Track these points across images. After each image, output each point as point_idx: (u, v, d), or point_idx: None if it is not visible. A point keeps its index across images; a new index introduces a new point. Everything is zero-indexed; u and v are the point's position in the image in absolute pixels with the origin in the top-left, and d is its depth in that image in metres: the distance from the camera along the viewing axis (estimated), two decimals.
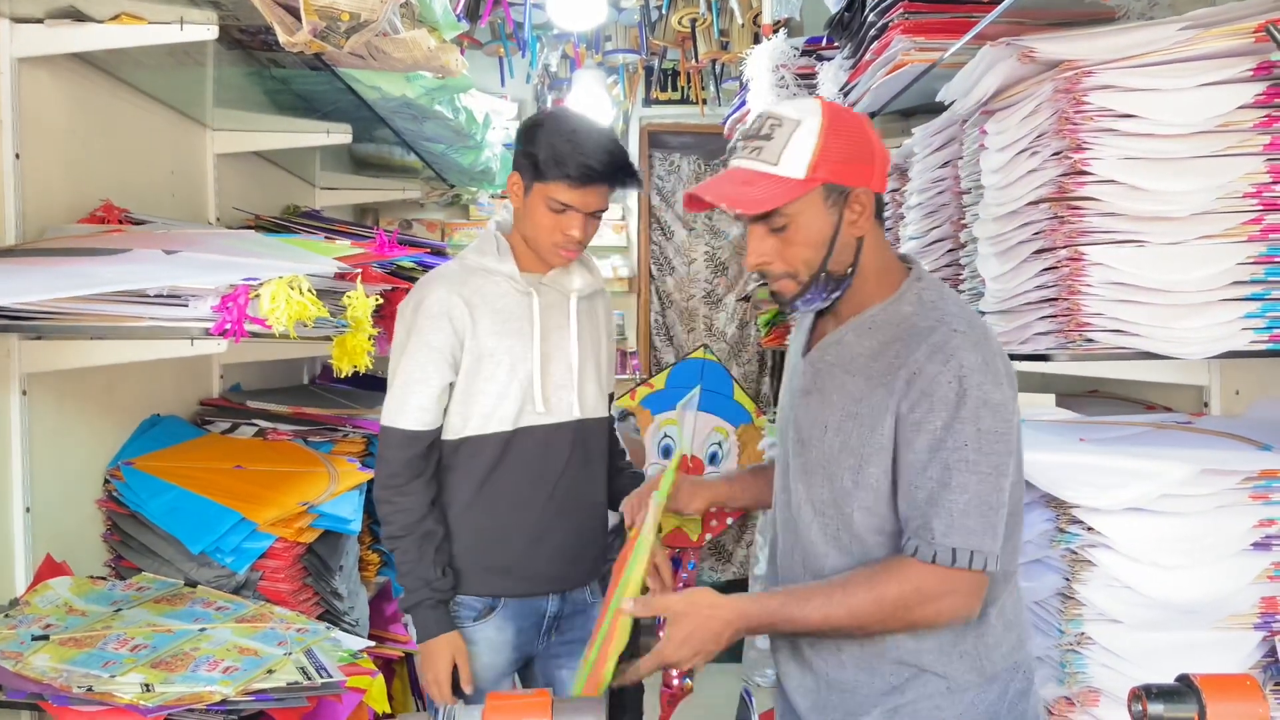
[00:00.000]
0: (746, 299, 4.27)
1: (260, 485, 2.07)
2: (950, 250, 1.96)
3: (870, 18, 2.07)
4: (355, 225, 3.00)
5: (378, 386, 2.06)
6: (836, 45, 2.43)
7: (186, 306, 1.56)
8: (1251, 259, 1.45)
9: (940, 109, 1.89)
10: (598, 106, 4.26)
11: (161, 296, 1.56)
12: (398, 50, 1.84)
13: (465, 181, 3.87)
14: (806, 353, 1.51)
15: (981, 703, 1.38)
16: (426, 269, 2.31)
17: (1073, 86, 1.46)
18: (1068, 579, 1.52)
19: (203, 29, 1.72)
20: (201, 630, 1.70)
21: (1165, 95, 1.44)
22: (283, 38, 1.57)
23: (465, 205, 4.67)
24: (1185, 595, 1.48)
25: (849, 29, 2.25)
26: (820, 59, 2.65)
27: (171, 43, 1.73)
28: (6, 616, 1.64)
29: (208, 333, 1.57)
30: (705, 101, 4.51)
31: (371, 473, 2.01)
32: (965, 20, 1.84)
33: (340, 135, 2.66)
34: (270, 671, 1.58)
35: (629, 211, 5.05)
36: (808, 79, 2.68)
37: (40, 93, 1.82)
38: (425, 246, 2.80)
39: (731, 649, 1.48)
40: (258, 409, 2.50)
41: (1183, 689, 1.03)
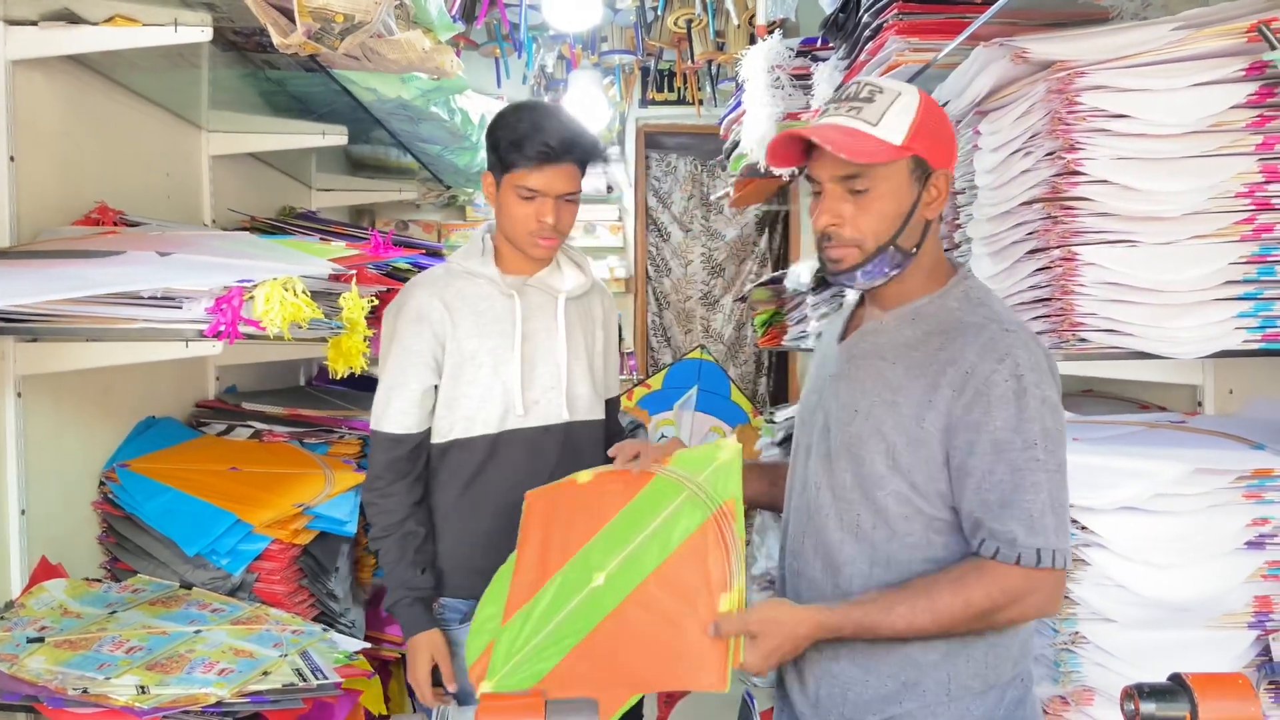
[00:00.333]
0: (743, 300, 4.27)
1: (256, 487, 2.07)
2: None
3: (865, 18, 2.07)
4: (351, 226, 3.00)
5: (375, 388, 2.06)
6: (831, 46, 2.43)
7: (180, 308, 1.57)
8: (1244, 259, 1.46)
9: None
10: (594, 107, 4.26)
11: (156, 298, 1.56)
12: (393, 52, 1.84)
13: (461, 183, 3.87)
14: (842, 340, 1.50)
15: (978, 709, 1.38)
16: (422, 270, 2.31)
17: (1066, 87, 1.46)
18: None
19: (196, 31, 1.73)
20: (197, 632, 1.70)
21: (1158, 95, 1.44)
22: (277, 39, 1.57)
23: (462, 206, 4.67)
24: (1179, 594, 1.49)
25: (844, 30, 2.25)
26: (815, 60, 2.65)
27: (165, 45, 1.74)
28: (1, 619, 1.64)
29: (202, 335, 1.57)
30: (701, 102, 4.50)
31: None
32: (959, 21, 1.84)
33: (336, 137, 2.67)
34: (266, 673, 1.59)
35: (626, 212, 5.05)
36: (803, 80, 2.68)
37: (35, 95, 1.82)
38: (420, 248, 2.80)
39: None
40: (253, 411, 2.51)
41: (1175, 688, 1.04)
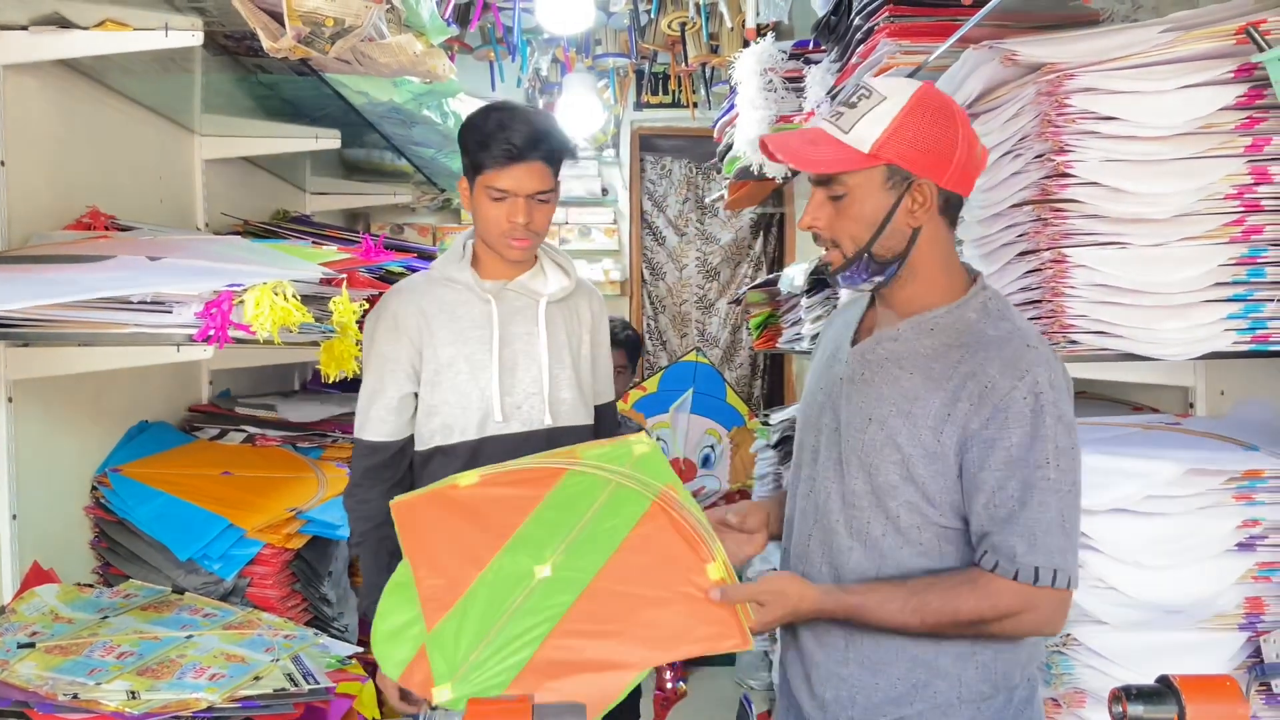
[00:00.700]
0: (738, 302, 4.26)
1: (248, 491, 2.07)
2: None
3: (856, 21, 2.07)
4: (344, 230, 3.00)
5: None
6: (824, 49, 2.44)
7: (170, 313, 1.57)
8: (1233, 260, 1.46)
9: None
10: (588, 110, 4.26)
11: (146, 303, 1.56)
12: (384, 55, 1.84)
13: (455, 186, 3.86)
14: (855, 343, 1.49)
15: (988, 710, 1.38)
16: (415, 273, 2.30)
17: (1055, 89, 1.47)
18: None
19: (187, 35, 1.73)
20: (189, 637, 1.69)
21: (1147, 98, 1.45)
22: (267, 43, 1.57)
23: (456, 210, 4.66)
24: (1170, 596, 1.49)
25: (835, 32, 2.26)
26: (808, 62, 2.65)
27: (156, 49, 1.74)
28: None
29: (192, 339, 1.57)
30: (696, 105, 4.50)
31: None
32: (950, 24, 1.85)
33: (329, 140, 2.67)
34: (257, 678, 1.58)
35: (620, 216, 5.04)
36: (795, 82, 2.69)
37: (25, 99, 1.82)
38: (413, 251, 2.80)
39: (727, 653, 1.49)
40: (246, 415, 2.50)
41: (1162, 690, 1.04)
